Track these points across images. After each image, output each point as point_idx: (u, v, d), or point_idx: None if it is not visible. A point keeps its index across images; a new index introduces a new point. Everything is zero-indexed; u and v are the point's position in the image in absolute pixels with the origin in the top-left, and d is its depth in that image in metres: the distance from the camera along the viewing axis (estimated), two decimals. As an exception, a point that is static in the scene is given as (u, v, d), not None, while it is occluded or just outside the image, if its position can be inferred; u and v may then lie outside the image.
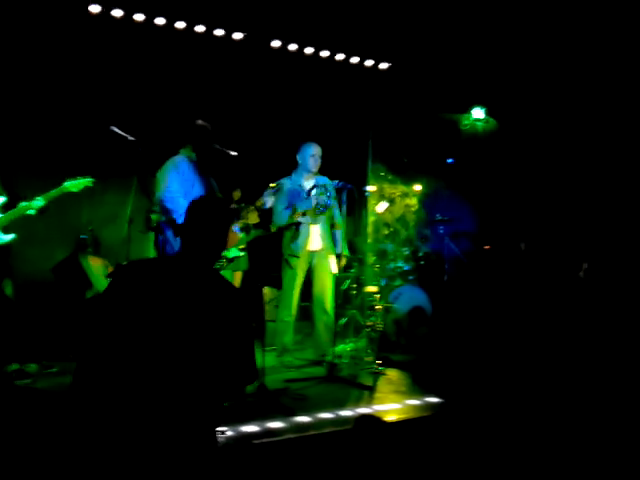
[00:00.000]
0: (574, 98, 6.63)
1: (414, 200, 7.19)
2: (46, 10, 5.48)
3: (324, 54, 6.78)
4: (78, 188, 4.46)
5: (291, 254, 5.16)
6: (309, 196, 5.21)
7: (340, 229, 5.46)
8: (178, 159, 4.40)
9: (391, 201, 6.95)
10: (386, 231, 6.74)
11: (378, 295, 5.75)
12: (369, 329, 5.53)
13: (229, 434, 3.25)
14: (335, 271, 5.33)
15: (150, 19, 5.93)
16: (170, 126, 5.35)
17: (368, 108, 6.97)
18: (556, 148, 6.78)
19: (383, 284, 6.23)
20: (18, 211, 4.31)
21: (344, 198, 5.28)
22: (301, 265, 5.21)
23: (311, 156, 5.26)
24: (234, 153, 4.61)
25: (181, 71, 6.25)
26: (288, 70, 6.69)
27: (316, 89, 6.85)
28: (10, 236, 4.36)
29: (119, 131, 4.29)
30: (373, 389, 4.54)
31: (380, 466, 3.00)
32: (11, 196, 4.40)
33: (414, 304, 6.15)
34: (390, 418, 3.79)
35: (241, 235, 5.61)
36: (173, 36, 6.08)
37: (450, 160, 7.39)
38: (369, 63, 7.04)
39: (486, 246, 6.92)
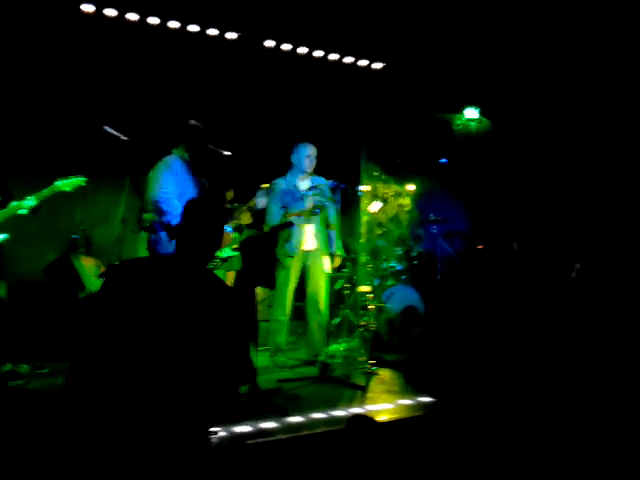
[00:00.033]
0: (567, 98, 6.65)
1: (407, 200, 7.20)
2: (38, 9, 5.45)
3: (318, 54, 6.77)
4: (70, 187, 4.42)
5: (285, 254, 5.16)
6: (304, 197, 5.22)
7: (335, 229, 5.46)
8: (171, 159, 4.32)
9: (384, 201, 6.96)
10: (379, 231, 6.75)
11: (371, 295, 5.76)
12: (362, 329, 5.54)
13: (222, 434, 3.25)
14: (328, 271, 5.34)
15: (143, 18, 5.91)
16: (163, 126, 5.33)
17: (361, 108, 6.97)
18: (549, 148, 6.80)
19: (376, 284, 6.25)
20: (9, 211, 4.27)
21: (337, 198, 5.29)
22: (295, 265, 5.21)
23: (306, 156, 5.26)
24: (227, 153, 4.59)
25: (174, 71, 6.24)
26: (281, 70, 6.68)
27: (309, 89, 6.85)
28: (2, 236, 4.34)
29: (112, 131, 4.28)
30: (366, 389, 4.54)
31: (373, 466, 3.01)
32: (3, 196, 4.38)
33: (407, 304, 6.16)
34: (382, 418, 3.80)
35: (234, 235, 5.62)
36: (166, 36, 6.06)
37: (443, 160, 7.40)
38: (363, 63, 7.04)
39: (479, 246, 6.94)
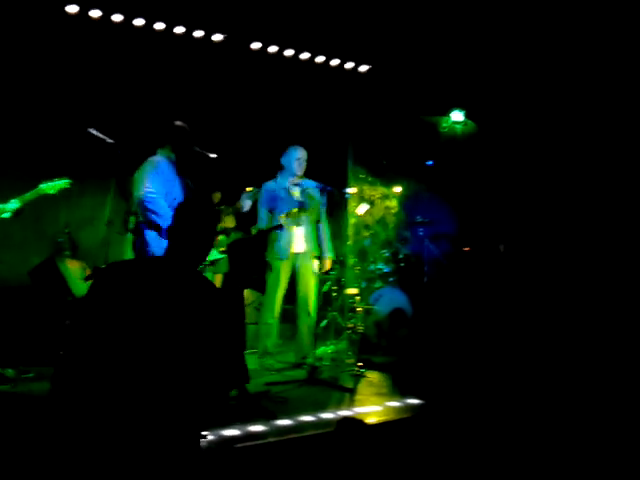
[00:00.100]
0: (552, 101, 6.70)
1: (394, 202, 7.22)
2: (22, 10, 5.39)
3: (304, 56, 6.77)
4: (54, 190, 4.37)
5: (275, 257, 5.15)
6: (294, 200, 5.21)
7: (326, 232, 5.45)
8: (157, 159, 4.26)
9: (371, 203, 6.98)
10: (366, 233, 6.76)
11: (358, 297, 5.76)
12: (350, 331, 5.54)
13: (210, 438, 3.22)
14: (319, 273, 5.34)
15: (129, 20, 5.87)
16: (149, 128, 5.30)
17: (348, 110, 6.97)
18: (534, 150, 6.84)
19: (363, 286, 6.25)
20: None
21: (324, 200, 5.29)
22: (285, 268, 5.20)
23: (296, 159, 5.25)
24: (213, 155, 4.57)
25: (160, 73, 6.20)
26: (268, 72, 6.67)
27: (296, 91, 6.84)
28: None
29: (97, 133, 4.24)
30: (354, 391, 4.54)
31: (362, 468, 3.00)
32: None
33: (394, 306, 6.17)
34: (371, 420, 3.80)
35: (221, 238, 5.60)
36: (152, 37, 6.03)
37: (430, 162, 7.43)
38: (349, 65, 7.05)
39: (465, 248, 6.96)
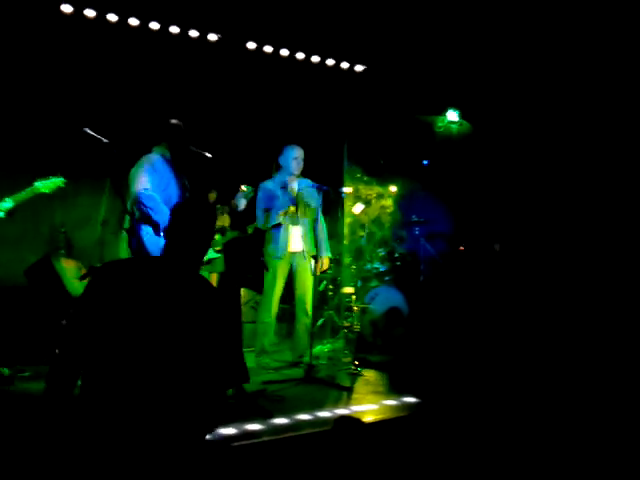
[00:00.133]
0: (546, 100, 6.72)
1: (389, 201, 7.23)
2: (17, 9, 5.38)
3: (300, 56, 6.78)
4: (49, 189, 4.34)
5: (272, 256, 5.15)
6: (291, 199, 5.21)
7: (324, 231, 5.45)
8: (153, 157, 4.26)
9: (367, 202, 6.98)
10: (362, 232, 6.76)
11: (354, 296, 5.77)
12: (346, 330, 5.55)
13: (207, 437, 3.21)
14: (317, 273, 5.33)
15: (123, 20, 5.87)
16: (144, 128, 5.29)
17: (344, 110, 6.98)
18: (529, 149, 6.86)
19: (359, 285, 6.26)
20: None
21: (320, 199, 5.29)
22: (282, 267, 5.19)
23: (294, 159, 5.26)
24: (209, 155, 4.57)
25: (156, 73, 6.19)
26: (263, 72, 6.67)
27: (292, 91, 6.84)
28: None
29: (92, 133, 4.23)
30: (351, 390, 4.54)
31: (360, 467, 3.00)
32: None
33: (390, 305, 6.17)
34: (368, 419, 3.80)
35: (217, 237, 5.59)
36: (147, 37, 6.03)
37: (425, 162, 7.45)
38: (345, 65, 7.06)
39: (461, 247, 6.98)
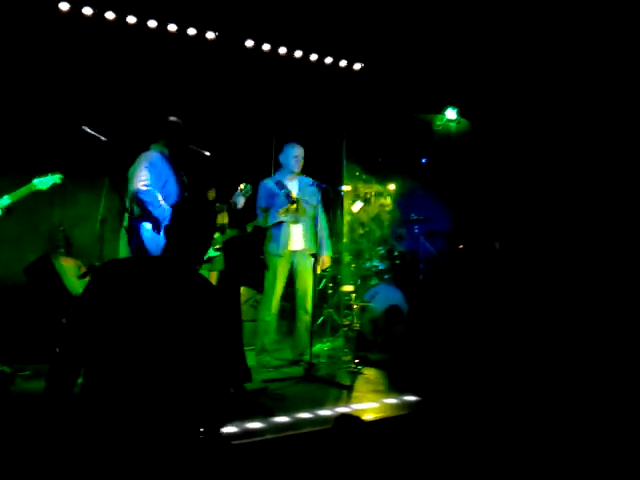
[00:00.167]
0: (545, 98, 6.71)
1: (389, 199, 7.22)
2: (15, 7, 5.36)
3: (298, 54, 6.77)
4: (47, 186, 4.35)
5: (273, 254, 5.13)
6: (292, 197, 5.20)
7: (325, 229, 5.44)
8: (151, 154, 4.25)
9: (366, 200, 6.97)
10: (361, 230, 6.75)
11: (354, 294, 5.76)
12: (346, 328, 5.54)
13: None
14: (318, 271, 5.32)
15: (121, 17, 5.85)
16: (142, 126, 5.27)
17: (342, 108, 6.97)
18: (528, 147, 6.85)
19: (359, 283, 6.25)
20: None
21: (320, 197, 5.28)
22: (283, 265, 5.19)
23: (294, 157, 5.26)
24: (207, 153, 4.56)
25: (154, 71, 6.17)
26: (262, 70, 6.66)
27: (290, 89, 6.83)
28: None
29: (91, 131, 4.22)
30: (351, 388, 4.53)
31: (360, 465, 2.99)
32: None
33: (390, 303, 6.16)
34: (368, 417, 3.78)
35: (216, 235, 5.57)
36: (146, 35, 6.01)
37: (424, 160, 7.43)
38: (343, 63, 7.05)
39: (460, 245, 6.97)
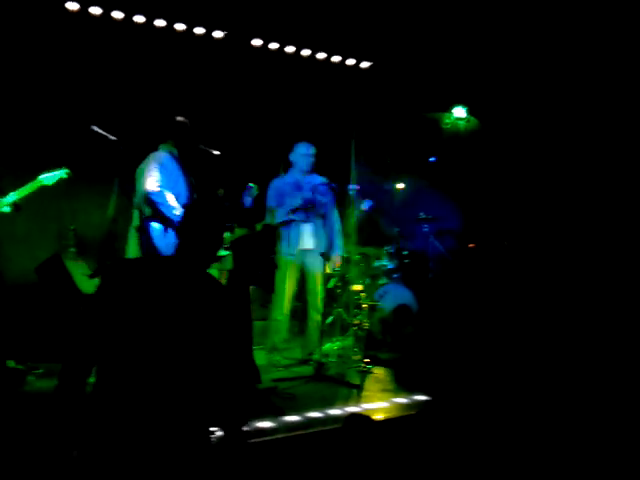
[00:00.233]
0: (554, 96, 6.68)
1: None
2: (24, 6, 5.38)
3: (305, 53, 6.76)
4: (53, 181, 4.34)
5: (283, 254, 5.13)
6: (300, 194, 5.19)
7: (336, 229, 5.43)
8: (161, 154, 4.25)
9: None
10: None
11: (363, 293, 5.74)
12: (355, 327, 5.52)
13: (219, 434, 3.20)
14: (328, 271, 5.31)
15: (129, 17, 5.86)
16: (151, 125, 5.28)
17: (350, 107, 6.95)
18: (538, 146, 6.82)
19: (368, 282, 6.23)
20: None
21: (331, 196, 5.27)
22: (294, 264, 5.18)
23: (305, 155, 5.24)
24: (217, 152, 4.56)
25: (162, 71, 6.18)
26: (269, 69, 6.65)
27: (298, 88, 6.82)
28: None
29: (100, 130, 4.23)
30: (361, 388, 4.53)
31: (370, 465, 2.98)
32: None
33: (399, 302, 6.14)
34: (378, 416, 3.78)
35: (225, 234, 5.57)
36: (153, 35, 6.02)
37: (432, 159, 7.41)
38: (351, 62, 7.03)
39: (470, 244, 6.94)
